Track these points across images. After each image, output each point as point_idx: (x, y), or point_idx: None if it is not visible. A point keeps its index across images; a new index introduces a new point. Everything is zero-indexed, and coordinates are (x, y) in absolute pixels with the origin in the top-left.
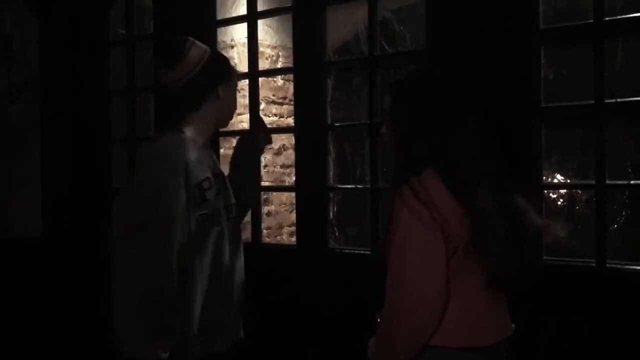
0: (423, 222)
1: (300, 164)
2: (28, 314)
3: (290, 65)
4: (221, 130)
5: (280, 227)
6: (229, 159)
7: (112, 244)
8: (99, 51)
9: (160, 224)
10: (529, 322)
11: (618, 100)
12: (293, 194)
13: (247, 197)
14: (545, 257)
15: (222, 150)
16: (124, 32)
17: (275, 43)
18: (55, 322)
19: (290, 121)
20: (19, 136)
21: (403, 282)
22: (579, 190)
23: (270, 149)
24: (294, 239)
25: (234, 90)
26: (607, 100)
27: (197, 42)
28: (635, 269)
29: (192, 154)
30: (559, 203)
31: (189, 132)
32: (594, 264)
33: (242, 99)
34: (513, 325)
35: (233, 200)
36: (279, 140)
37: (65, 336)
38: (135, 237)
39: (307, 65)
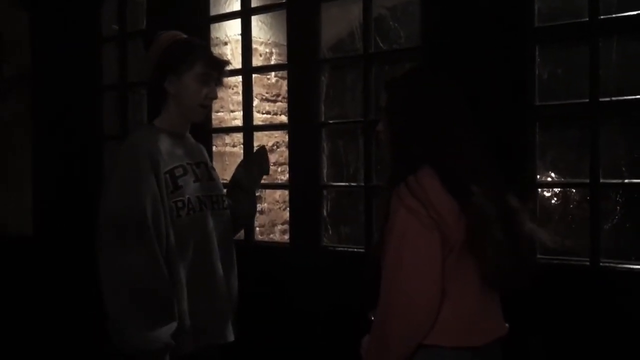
0: (420, 221)
1: (293, 162)
2: (20, 312)
3: (284, 62)
4: (213, 127)
5: (273, 225)
6: (222, 159)
7: (97, 246)
8: (91, 47)
9: (135, 222)
10: (522, 320)
11: (613, 98)
12: (286, 192)
13: (242, 213)
14: (539, 256)
15: (214, 148)
16: (117, 27)
17: (269, 40)
18: (47, 319)
19: (284, 118)
20: (9, 133)
21: (399, 281)
22: (573, 189)
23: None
24: (287, 237)
25: (190, 79)
26: (601, 99)
27: (167, 34)
28: (629, 268)
29: (162, 144)
30: (553, 202)
31: (159, 123)
32: (587, 263)
33: (235, 95)
34: (507, 325)
35: (221, 191)
36: (272, 137)
37: (58, 333)
38: (115, 238)
39: (301, 62)
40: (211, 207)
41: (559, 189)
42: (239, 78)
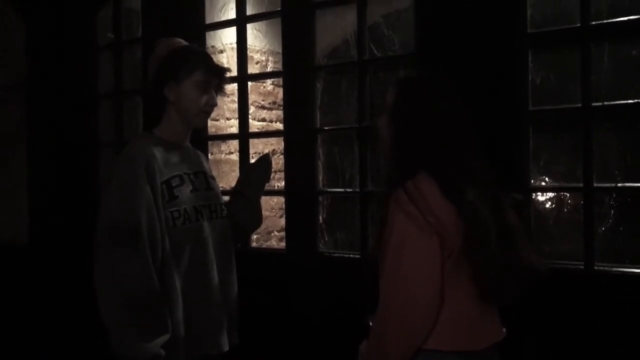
0: (419, 227)
1: (289, 168)
2: (14, 321)
3: (280, 69)
4: (209, 134)
5: (269, 232)
6: (218, 166)
7: (93, 253)
8: (87, 55)
9: (129, 231)
10: (517, 324)
11: (605, 103)
12: (282, 200)
13: (245, 221)
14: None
15: (210, 156)
16: (112, 36)
17: (264, 48)
18: (42, 328)
19: (280, 126)
20: (5, 140)
21: (398, 286)
22: (567, 193)
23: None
24: (283, 244)
25: (190, 86)
26: (594, 104)
27: (166, 41)
28: (623, 272)
29: (159, 153)
30: (547, 206)
31: (159, 132)
32: (582, 267)
33: (231, 103)
34: (504, 329)
35: (220, 200)
36: (268, 145)
37: (52, 342)
38: (110, 246)
39: (296, 69)
40: (209, 216)
41: (553, 193)
42: (235, 86)
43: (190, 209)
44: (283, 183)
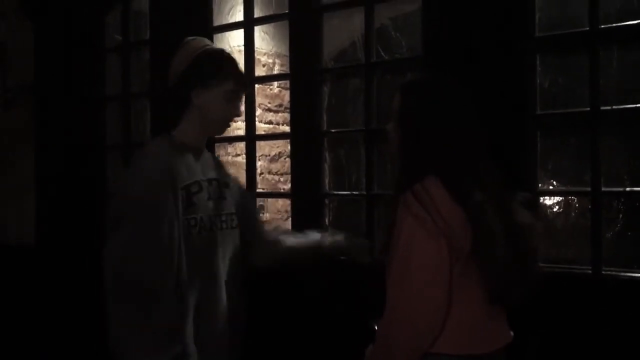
0: (427, 230)
1: (295, 171)
2: (21, 322)
3: (287, 72)
4: (216, 136)
5: None
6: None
7: (103, 239)
8: (95, 57)
9: (145, 214)
10: (524, 328)
11: (614, 107)
12: (288, 202)
13: (262, 255)
14: (541, 264)
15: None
16: (120, 38)
17: (272, 50)
18: (48, 328)
19: (287, 129)
20: (12, 142)
21: (404, 289)
22: (574, 197)
23: (267, 156)
24: None
25: (219, 95)
26: (602, 108)
27: (195, 41)
28: (631, 276)
29: (178, 157)
30: (555, 210)
31: (179, 134)
32: (589, 271)
33: None
34: (512, 333)
35: (232, 210)
36: (275, 147)
37: (58, 343)
38: (121, 228)
39: (303, 72)
40: (220, 226)
41: (561, 197)
42: None
43: (205, 217)
44: (289, 185)
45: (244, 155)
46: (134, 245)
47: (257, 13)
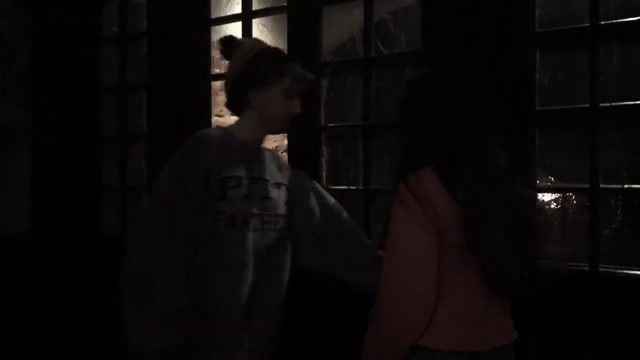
0: (416, 220)
1: (293, 165)
2: (17, 312)
3: None
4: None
5: None
6: None
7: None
8: (92, 49)
9: (170, 199)
10: (520, 326)
11: (613, 104)
12: None
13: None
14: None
15: None
16: (117, 29)
17: (270, 43)
18: (44, 320)
19: None
20: (9, 133)
21: (392, 277)
22: (572, 194)
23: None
24: None
25: (276, 94)
26: (602, 104)
27: (249, 42)
28: (628, 274)
29: (224, 149)
30: (553, 206)
31: (235, 130)
32: (586, 268)
33: None
34: (516, 332)
35: (278, 211)
36: (272, 141)
37: (54, 335)
38: (151, 211)
39: (301, 65)
40: (259, 227)
41: (559, 194)
42: None
43: (238, 215)
44: None
45: None
46: (154, 224)
47: (256, 5)
